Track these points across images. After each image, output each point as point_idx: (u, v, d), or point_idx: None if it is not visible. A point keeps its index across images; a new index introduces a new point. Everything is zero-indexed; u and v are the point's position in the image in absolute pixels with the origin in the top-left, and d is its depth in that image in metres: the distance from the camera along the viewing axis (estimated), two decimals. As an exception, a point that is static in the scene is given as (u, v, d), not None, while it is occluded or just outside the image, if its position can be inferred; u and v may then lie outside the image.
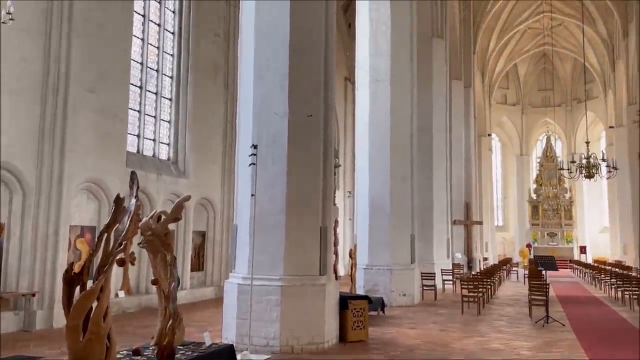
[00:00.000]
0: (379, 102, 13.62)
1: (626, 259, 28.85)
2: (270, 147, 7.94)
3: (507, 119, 42.87)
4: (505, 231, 42.34)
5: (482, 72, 35.77)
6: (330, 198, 8.56)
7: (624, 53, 28.59)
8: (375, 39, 13.77)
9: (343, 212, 22.50)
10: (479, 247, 28.94)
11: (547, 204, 38.35)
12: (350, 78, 22.33)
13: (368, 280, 12.81)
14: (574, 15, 31.12)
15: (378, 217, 13.11)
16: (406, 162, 13.60)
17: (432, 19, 19.45)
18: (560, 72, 42.00)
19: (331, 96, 8.63)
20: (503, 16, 34.24)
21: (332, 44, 8.75)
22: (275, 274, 7.74)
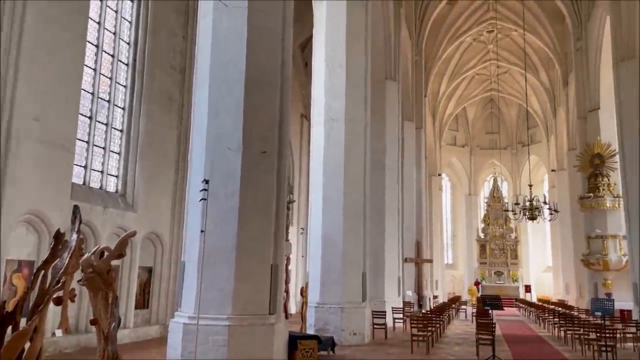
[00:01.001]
0: (334, 140, 13.81)
1: (568, 298, 29.84)
2: (223, 183, 7.86)
3: (456, 159, 44.29)
4: (455, 269, 43.11)
5: (433, 114, 37.03)
6: (282, 235, 8.49)
7: (564, 101, 30.32)
8: (331, 78, 14.06)
9: (296, 248, 22.34)
10: (429, 285, 29.25)
11: (494, 243, 39.43)
12: (306, 115, 22.59)
13: (319, 318, 12.65)
14: (518, 64, 32.91)
15: (330, 254, 13.08)
16: (359, 200, 13.72)
17: (386, 62, 20.08)
18: (506, 117, 44.02)
19: (286, 133, 8.68)
20: (453, 62, 35.83)
21: (288, 82, 8.86)
22: (223, 313, 7.54)
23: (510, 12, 30.27)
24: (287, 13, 9.01)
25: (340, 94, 13.95)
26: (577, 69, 24.90)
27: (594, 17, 22.69)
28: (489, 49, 34.94)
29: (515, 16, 29.33)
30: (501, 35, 33.45)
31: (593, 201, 21.53)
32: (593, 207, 21.60)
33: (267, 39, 8.53)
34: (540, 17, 29.77)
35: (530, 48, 32.83)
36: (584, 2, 24.09)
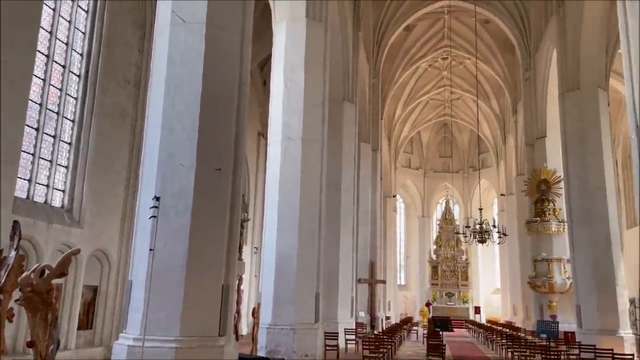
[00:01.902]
0: (290, 158, 13.77)
1: (516, 319, 30.61)
2: (175, 200, 7.66)
3: (410, 182, 45.13)
4: (408, 290, 43.57)
5: (389, 137, 37.73)
6: (235, 254, 8.33)
7: (514, 128, 31.53)
8: (289, 97, 14.08)
9: (249, 268, 22.02)
10: (382, 305, 29.39)
11: (445, 265, 40.15)
12: (263, 133, 22.51)
13: (270, 340, 12.43)
14: (471, 91, 34.08)
15: (284, 274, 12.93)
16: (314, 220, 13.68)
17: (344, 84, 20.35)
18: (459, 141, 45.34)
19: (242, 151, 8.59)
20: (409, 86, 36.75)
21: (245, 100, 8.80)
22: (171, 334, 7.28)
23: (464, 41, 31.41)
24: (247, 31, 8.99)
25: (297, 113, 13.97)
26: (526, 98, 26.00)
27: (542, 49, 23.82)
28: (444, 75, 36.06)
29: (468, 45, 30.44)
30: (455, 63, 34.63)
31: (539, 225, 22.32)
32: (539, 231, 22.39)
33: (225, 56, 8.46)
34: (492, 47, 31.04)
35: (482, 76, 34.07)
36: (532, 34, 25.28)
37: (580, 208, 17.78)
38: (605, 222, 17.19)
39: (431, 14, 29.37)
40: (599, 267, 16.86)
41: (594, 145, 17.89)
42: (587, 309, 16.85)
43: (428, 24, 31.30)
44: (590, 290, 16.85)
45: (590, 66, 18.47)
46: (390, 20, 27.04)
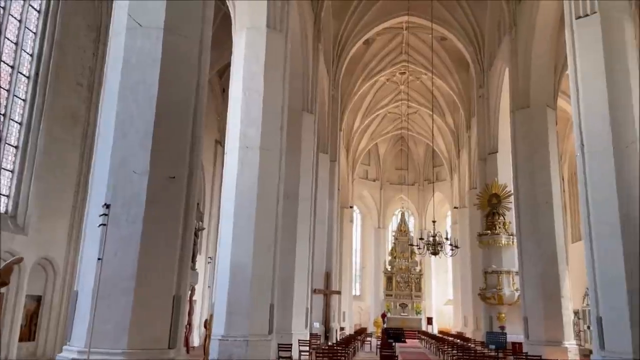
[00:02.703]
0: (248, 167, 13.64)
1: (466, 330, 31.26)
2: (126, 207, 7.45)
3: (367, 193, 45.61)
4: (362, 301, 43.82)
5: (347, 148, 38.08)
6: (187, 264, 8.16)
7: (467, 143, 32.40)
8: (248, 106, 13.99)
9: (203, 278, 21.63)
10: (336, 316, 29.42)
11: (400, 276, 40.64)
12: (221, 141, 22.28)
13: (223, 352, 12.19)
14: (427, 106, 34.86)
15: (239, 284, 12.74)
16: (271, 230, 13.57)
17: (303, 94, 20.42)
18: (415, 155, 46.22)
19: (197, 159, 8.46)
20: (367, 99, 37.28)
21: (202, 107, 8.69)
22: (118, 347, 7.05)
23: (421, 57, 32.16)
24: (205, 38, 8.90)
25: (256, 122, 13.89)
26: (479, 114, 26.81)
27: (494, 68, 24.66)
28: (401, 89, 36.77)
29: (425, 61, 31.18)
30: (412, 78, 35.38)
31: (490, 238, 22.95)
32: (490, 244, 23.01)
33: (183, 63, 8.34)
34: (448, 64, 31.91)
35: (438, 91, 34.96)
36: (486, 53, 26.16)
37: (529, 222, 18.41)
38: (552, 236, 17.85)
39: (390, 29, 29.97)
40: (546, 280, 17.46)
41: (542, 161, 18.60)
42: (533, 321, 17.40)
43: (387, 38, 31.90)
44: (537, 302, 17.41)
45: (540, 86, 19.25)
46: (350, 34, 27.41)
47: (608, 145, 12.30)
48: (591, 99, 12.86)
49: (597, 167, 12.45)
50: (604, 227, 12.03)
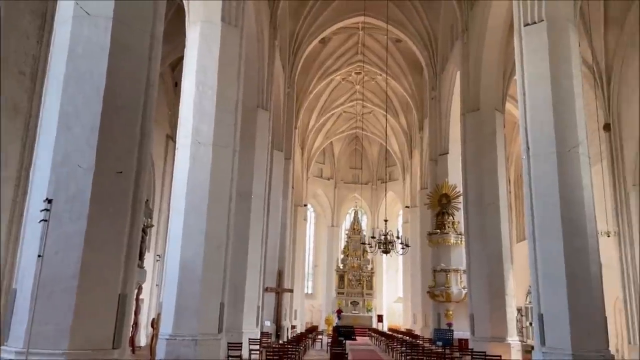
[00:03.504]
0: (200, 164, 13.39)
1: (415, 327, 31.90)
2: (69, 203, 7.16)
3: (321, 191, 45.80)
4: (314, 299, 43.99)
5: (302, 146, 38.08)
6: (134, 262, 7.93)
7: (419, 144, 33.05)
8: (201, 101, 13.72)
9: (151, 276, 21.11)
10: (288, 314, 29.37)
11: (352, 274, 41.03)
12: (172, 136, 21.78)
13: (170, 351, 11.93)
14: (381, 106, 35.33)
15: (188, 283, 12.49)
16: (222, 228, 13.37)
17: (258, 91, 20.25)
18: (369, 154, 46.76)
19: (146, 154, 8.22)
20: (323, 97, 37.40)
21: (152, 101, 8.46)
22: (59, 347, 6.77)
23: (377, 58, 32.54)
24: (157, 30, 8.66)
25: (209, 117, 13.64)
26: (431, 116, 27.38)
27: (447, 71, 25.24)
28: (356, 89, 37.10)
29: (380, 62, 31.57)
30: (367, 78, 35.76)
31: (439, 237, 23.49)
32: (439, 243, 23.56)
33: (132, 55, 8.08)
34: (402, 65, 32.43)
35: (392, 92, 35.45)
36: (439, 56, 26.73)
37: (476, 222, 18.95)
38: (498, 236, 18.44)
39: (346, 29, 30.15)
40: (491, 278, 18.02)
41: (490, 163, 19.18)
42: (479, 318, 17.93)
43: (343, 38, 32.09)
44: (482, 300, 17.95)
45: (489, 90, 19.85)
46: (306, 32, 27.39)
47: (552, 148, 12.80)
48: (537, 103, 13.35)
49: (541, 170, 12.94)
50: (547, 228, 12.52)
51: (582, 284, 11.92)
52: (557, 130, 12.84)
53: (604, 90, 18.59)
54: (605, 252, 14.25)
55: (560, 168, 12.64)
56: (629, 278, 17.05)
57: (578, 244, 12.18)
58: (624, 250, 17.33)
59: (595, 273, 12.28)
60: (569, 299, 11.76)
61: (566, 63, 13.26)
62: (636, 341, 16.73)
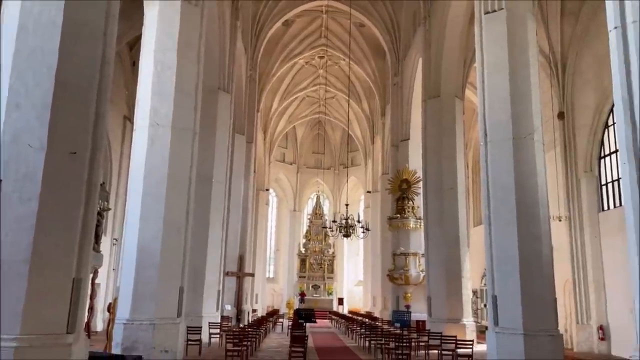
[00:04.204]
0: (158, 146, 13.10)
1: (375, 310, 32.47)
2: (19, 184, 6.88)
3: (284, 176, 45.70)
4: (276, 283, 44.12)
5: (265, 130, 37.79)
6: (89, 246, 7.72)
7: (381, 130, 33.32)
8: (159, 82, 13.38)
9: (108, 260, 20.67)
10: (249, 298, 29.37)
11: (313, 258, 41.35)
12: (130, 117, 21.21)
13: (128, 336, 11.75)
14: (345, 91, 35.36)
15: (146, 267, 12.29)
16: (182, 212, 13.17)
17: (219, 73, 19.91)
18: (332, 139, 46.84)
19: (101, 134, 7.97)
20: (286, 81, 37.11)
21: (107, 80, 8.17)
22: (10, 333, 6.56)
23: (340, 42, 32.45)
24: (112, 7, 8.34)
25: (168, 99, 13.33)
26: (393, 102, 27.60)
27: (409, 57, 25.43)
28: (320, 73, 36.98)
29: (344, 46, 31.51)
30: (331, 62, 35.68)
31: (399, 221, 23.87)
32: (399, 227, 23.94)
33: (87, 32, 7.76)
34: (366, 50, 32.48)
35: (355, 77, 35.53)
36: (402, 42, 26.90)
37: (435, 207, 19.33)
38: (455, 220, 18.88)
39: (310, 11, 29.92)
40: (449, 262, 18.47)
41: (449, 149, 19.54)
42: (436, 300, 18.39)
43: (306, 21, 31.84)
44: (440, 283, 18.41)
45: (450, 77, 20.14)
46: (269, 14, 27.03)
47: (508, 135, 13.15)
48: (495, 91, 13.64)
49: (497, 156, 13.28)
50: (502, 213, 12.90)
51: (534, 267, 12.38)
52: (514, 118, 13.19)
53: (559, 79, 19.14)
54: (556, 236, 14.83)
55: (515, 154, 13.00)
56: (579, 261, 17.79)
57: (531, 229, 12.61)
58: (574, 234, 18.04)
59: (547, 256, 12.77)
60: (522, 281, 12.19)
61: (524, 52, 13.58)
62: (584, 321, 17.53)
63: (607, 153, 17.53)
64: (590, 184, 17.92)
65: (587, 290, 17.50)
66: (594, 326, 17.14)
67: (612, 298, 16.69)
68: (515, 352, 11.81)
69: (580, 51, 18.64)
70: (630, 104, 7.51)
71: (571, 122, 18.85)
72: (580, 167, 18.30)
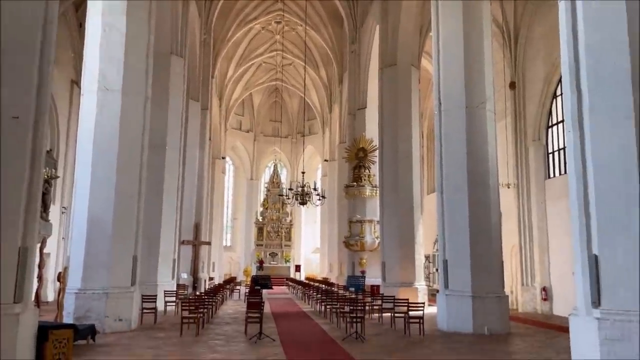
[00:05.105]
0: (108, 112, 12.66)
1: (331, 276, 33.06)
2: (-44, 150, 6.55)
3: (240, 144, 45.19)
4: (233, 251, 44.13)
5: (220, 97, 37.01)
6: (35, 214, 7.46)
7: (339, 98, 33.25)
8: (108, 44, 12.84)
9: (58, 229, 20.09)
10: (206, 267, 29.30)
11: (271, 226, 41.47)
12: (77, 81, 20.33)
13: (80, 306, 11.57)
14: (302, 58, 34.92)
15: (97, 236, 12.04)
16: (134, 179, 12.87)
17: (172, 36, 19.25)
18: (289, 107, 46.44)
19: (45, 99, 7.61)
20: (242, 47, 36.26)
21: (51, 42, 7.78)
22: (-47, 303, 6.34)
23: (297, 7, 31.85)
24: (54, -38, 7.90)
25: (117, 62, 12.83)
26: (351, 70, 27.49)
27: (366, 25, 25.28)
28: (277, 39, 36.29)
29: (301, 12, 30.96)
30: (288, 28, 35.03)
31: (356, 190, 24.15)
32: (356, 195, 24.24)
33: (26, -12, 7.35)
34: (323, 16, 32.00)
35: (313, 44, 35.10)
36: (359, 10, 26.64)
37: (390, 175, 19.63)
38: (410, 188, 19.26)
39: (267, -25, 29.14)
40: (402, 228, 18.91)
41: (405, 118, 19.76)
42: (390, 265, 18.88)
43: (263, -16, 31.04)
44: (394, 249, 18.87)
45: (406, 45, 20.19)
46: (224, -24, 26.15)
47: (461, 104, 13.42)
48: (449, 61, 13.84)
49: (450, 125, 13.56)
50: (453, 180, 13.27)
51: (483, 233, 12.88)
52: (467, 87, 13.46)
53: (511, 50, 19.51)
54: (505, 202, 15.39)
55: (468, 123, 13.32)
56: (525, 226, 18.56)
57: (481, 196, 13.06)
58: (522, 200, 18.76)
59: (496, 222, 13.28)
60: (471, 246, 12.69)
61: (478, 23, 13.77)
62: (529, 283, 18.43)
63: (555, 122, 18.15)
64: (538, 153, 18.56)
65: (532, 254, 18.35)
66: (537, 288, 18.05)
67: (554, 261, 17.57)
68: (464, 313, 12.37)
69: (533, 22, 19.01)
70: (576, 74, 7.76)
71: (522, 92, 19.35)
72: (530, 136, 18.90)
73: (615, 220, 7.05)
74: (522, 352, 9.78)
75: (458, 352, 9.62)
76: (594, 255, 7.15)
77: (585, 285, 7.22)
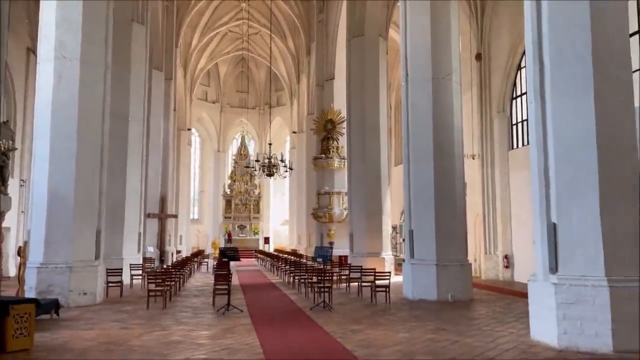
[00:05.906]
0: (66, 81, 12.20)
1: (300, 247, 33.30)
2: None
3: (206, 115, 44.42)
4: (201, 224, 43.82)
5: (185, 67, 36.13)
6: (-10, 187, 7.22)
7: (307, 69, 32.91)
8: (64, 10, 12.27)
9: (18, 203, 19.50)
10: (172, 240, 29.07)
11: (239, 199, 41.28)
12: (33, 49, 19.47)
13: (42, 280, 11.34)
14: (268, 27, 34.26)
15: (58, 210, 11.73)
16: (96, 151, 12.52)
17: (133, 2, 18.56)
18: (256, 77, 45.73)
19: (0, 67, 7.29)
20: (206, 15, 35.28)
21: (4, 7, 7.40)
22: None
23: (263, -26, 31.06)
24: None
25: (75, 29, 12.30)
26: (318, 40, 27.19)
27: (334, -6, 24.89)
28: (242, 7, 35.43)
29: (267, -21, 30.22)
30: (254, -4, 34.19)
31: (324, 161, 24.19)
32: (324, 167, 24.29)
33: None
34: (290, -16, 31.32)
35: (280, 13, 34.41)
36: (327, -23, 26.19)
37: (358, 146, 19.67)
38: (377, 159, 19.38)
39: (231, -61, 28.23)
40: (370, 199, 19.08)
41: (372, 89, 19.72)
42: (358, 235, 19.10)
43: (227, -51, 30.09)
44: (361, 219, 19.05)
45: (374, 16, 20.02)
46: (187, -61, 25.23)
47: (428, 75, 13.46)
48: (416, 31, 13.79)
49: (417, 96, 13.61)
50: (420, 151, 13.39)
51: (448, 203, 13.11)
52: (434, 58, 13.48)
53: (478, 21, 19.56)
54: (469, 173, 15.65)
55: (434, 94, 13.39)
56: (489, 196, 18.97)
57: (446, 166, 13.24)
58: (486, 171, 19.12)
59: (460, 192, 13.53)
60: (436, 216, 12.92)
61: (445, -5, 13.70)
62: (491, 251, 18.96)
63: (519, 94, 18.42)
64: (502, 124, 18.86)
65: (495, 223, 18.82)
66: (500, 255, 18.60)
67: (516, 230, 18.08)
68: (428, 281, 12.67)
69: (499, -7, 19.05)
70: (539, 46, 7.85)
71: (487, 63, 19.50)
72: (494, 107, 19.15)
73: (573, 190, 7.27)
74: (483, 317, 10.11)
75: (422, 318, 9.87)
76: (552, 223, 7.37)
77: (544, 252, 7.46)
